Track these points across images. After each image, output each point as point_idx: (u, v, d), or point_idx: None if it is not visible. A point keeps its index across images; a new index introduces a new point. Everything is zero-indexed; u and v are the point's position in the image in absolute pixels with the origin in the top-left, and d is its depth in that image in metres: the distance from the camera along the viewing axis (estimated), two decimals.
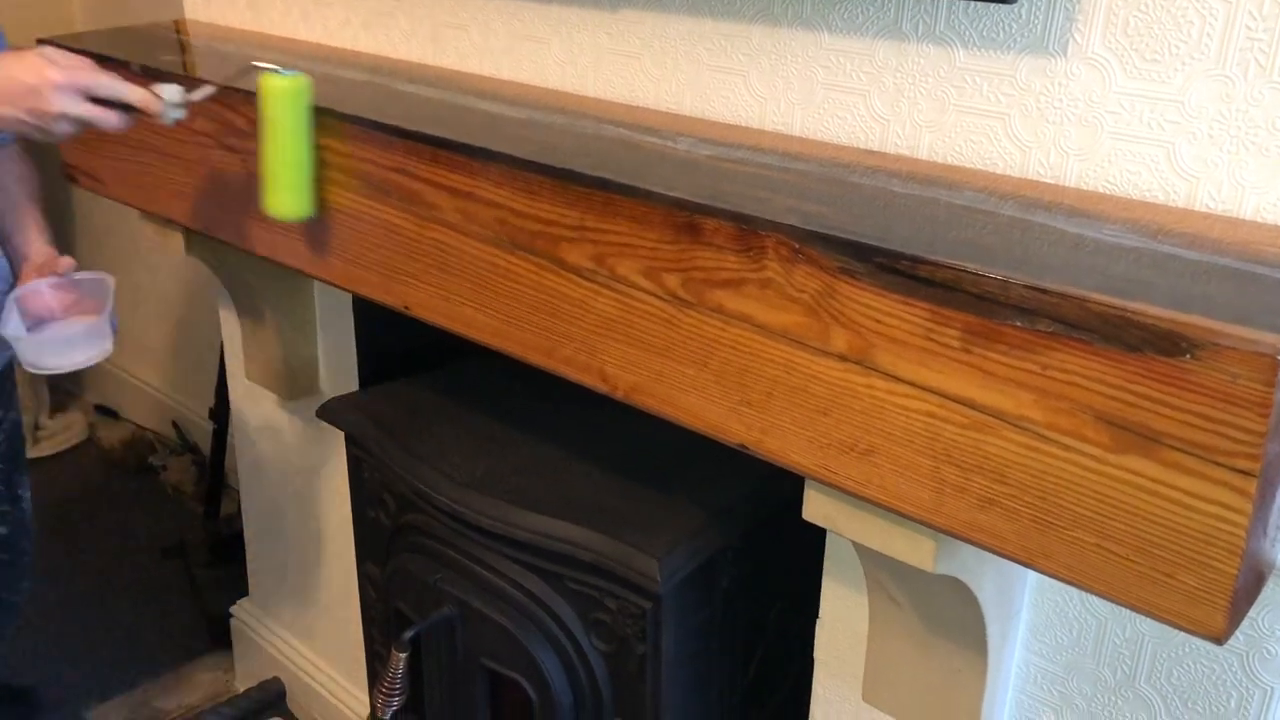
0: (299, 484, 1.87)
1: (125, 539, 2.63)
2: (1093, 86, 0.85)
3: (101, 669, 2.22)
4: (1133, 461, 0.69)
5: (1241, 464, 0.65)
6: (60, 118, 1.10)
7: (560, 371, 1.01)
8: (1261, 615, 0.86)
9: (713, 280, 0.86)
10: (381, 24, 1.40)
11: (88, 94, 1.10)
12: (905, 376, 0.77)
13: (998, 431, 0.74)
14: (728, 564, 1.20)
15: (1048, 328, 0.69)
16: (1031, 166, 0.90)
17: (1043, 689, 1.02)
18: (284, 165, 1.13)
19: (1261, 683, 0.88)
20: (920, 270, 0.74)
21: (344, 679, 1.94)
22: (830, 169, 0.94)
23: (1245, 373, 0.63)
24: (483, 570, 1.28)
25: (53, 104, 1.09)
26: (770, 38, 1.03)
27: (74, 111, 1.10)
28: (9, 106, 1.09)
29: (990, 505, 0.76)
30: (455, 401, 1.47)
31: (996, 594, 0.94)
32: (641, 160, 0.98)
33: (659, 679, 1.17)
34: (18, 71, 1.09)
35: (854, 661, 1.12)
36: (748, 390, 0.87)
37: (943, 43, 0.92)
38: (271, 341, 1.67)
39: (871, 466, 0.81)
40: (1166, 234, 0.78)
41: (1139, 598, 0.71)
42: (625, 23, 1.14)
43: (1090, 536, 0.72)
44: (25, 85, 1.08)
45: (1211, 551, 0.67)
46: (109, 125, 1.12)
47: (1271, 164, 0.78)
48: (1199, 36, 0.79)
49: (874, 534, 0.87)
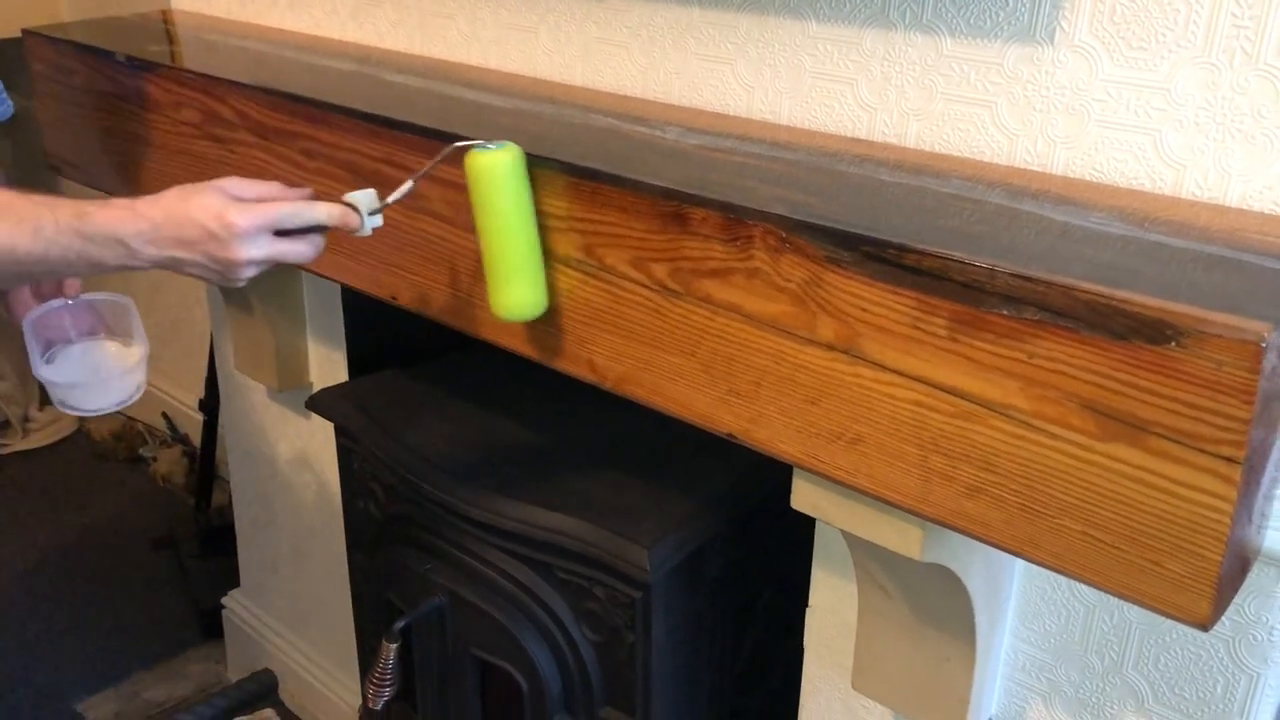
0: (289, 475, 1.87)
1: (116, 531, 2.62)
2: (1079, 74, 0.85)
3: (92, 661, 2.22)
4: (1119, 449, 0.69)
5: (1227, 451, 0.65)
6: (248, 264, 0.97)
7: (549, 362, 1.01)
8: (1247, 602, 0.86)
9: (700, 270, 0.86)
10: (369, 13, 1.40)
11: (276, 229, 0.97)
12: (892, 365, 0.77)
13: (984, 420, 0.74)
14: (717, 553, 1.20)
15: (1034, 316, 0.70)
16: (1019, 154, 0.90)
17: (1031, 676, 1.02)
18: (508, 255, 0.96)
19: (1248, 668, 0.89)
20: (907, 259, 0.74)
21: (335, 669, 1.94)
22: (818, 158, 0.94)
23: (1230, 360, 0.63)
24: (472, 560, 1.28)
25: (239, 252, 0.95)
26: (758, 26, 1.03)
27: (263, 255, 0.96)
28: (188, 251, 0.96)
29: (977, 494, 0.76)
30: (444, 392, 1.47)
31: (985, 582, 0.95)
32: (629, 149, 0.97)
33: (649, 668, 1.17)
34: (197, 214, 0.95)
35: (843, 650, 1.13)
36: (735, 380, 0.87)
37: (930, 31, 0.92)
38: (261, 333, 1.66)
39: (859, 455, 0.81)
40: (1153, 222, 0.78)
41: (1125, 585, 0.72)
42: (613, 12, 1.13)
43: (1077, 524, 0.72)
44: (205, 231, 0.95)
45: (1197, 539, 0.67)
46: (304, 259, 0.99)
47: (1257, 151, 0.78)
48: (1185, 24, 0.79)
49: (862, 523, 0.88)
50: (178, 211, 0.95)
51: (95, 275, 1.03)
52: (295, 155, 1.18)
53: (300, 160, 1.17)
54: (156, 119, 1.35)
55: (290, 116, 1.16)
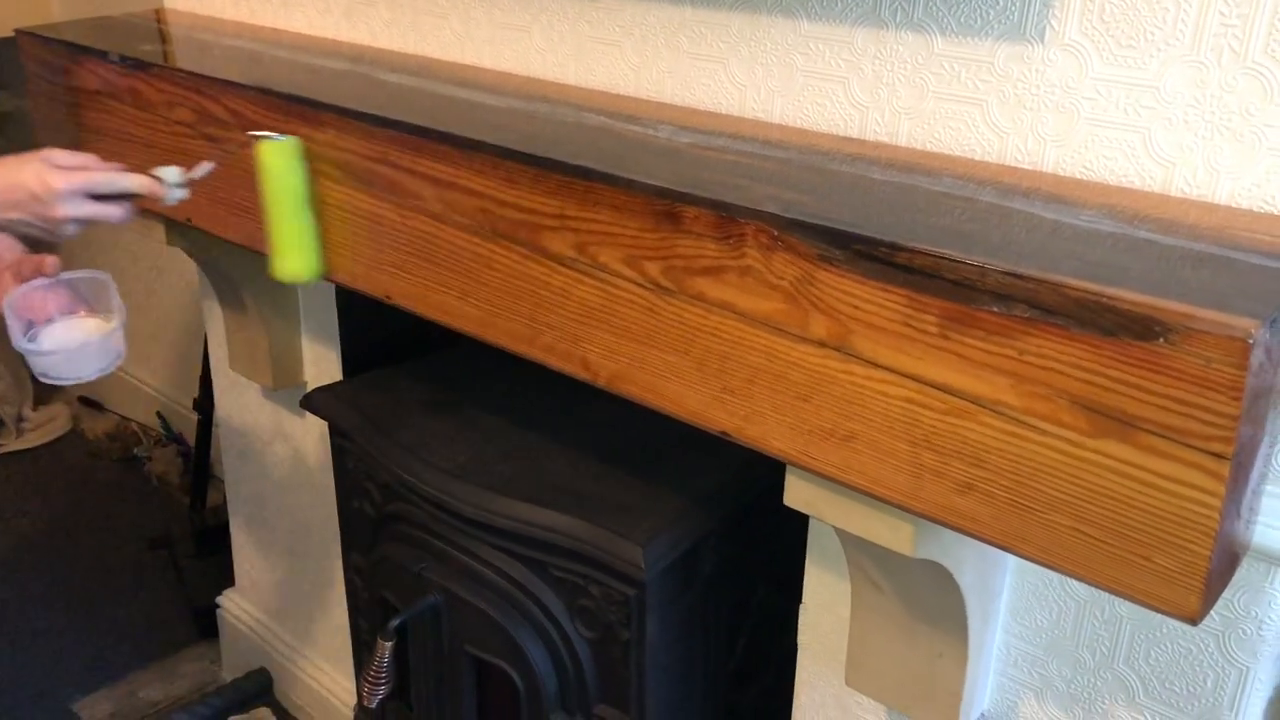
0: (283, 474, 1.87)
1: (110, 530, 2.62)
2: (1069, 73, 0.85)
3: (88, 660, 2.22)
4: (1109, 445, 0.69)
5: (1215, 447, 0.65)
6: (66, 221, 1.14)
7: (542, 360, 1.02)
8: (1237, 596, 0.87)
9: (693, 268, 0.86)
10: (362, 13, 1.40)
11: (91, 193, 1.14)
12: (884, 362, 0.78)
13: (975, 416, 0.74)
14: (711, 550, 1.20)
15: (1024, 313, 0.70)
16: (1009, 153, 0.90)
17: (1023, 671, 1.03)
18: (286, 227, 1.16)
19: (1237, 662, 0.89)
20: (898, 257, 0.75)
21: (330, 668, 1.94)
22: (809, 156, 0.94)
23: (1218, 356, 0.63)
24: (467, 558, 1.28)
25: (58, 210, 1.13)
26: (750, 25, 1.03)
27: (79, 214, 1.14)
28: (16, 212, 1.14)
29: (968, 490, 0.76)
30: (438, 390, 1.47)
31: (977, 578, 0.95)
32: (622, 148, 0.98)
33: (643, 665, 1.18)
34: (23, 178, 1.13)
35: (837, 646, 1.13)
36: (729, 377, 0.87)
37: (921, 29, 0.92)
38: (255, 332, 1.67)
39: (851, 452, 0.82)
40: (1143, 219, 0.79)
41: (1115, 580, 0.72)
42: (605, 11, 1.14)
43: (1067, 520, 0.72)
44: (30, 192, 1.13)
45: (1186, 534, 0.68)
46: (115, 219, 1.17)
47: (1246, 149, 0.79)
48: (1174, 23, 0.80)
49: (854, 519, 0.88)
50: (6, 178, 1.13)
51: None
52: None
53: None
54: (150, 118, 1.35)
55: (284, 116, 1.16)
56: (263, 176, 1.15)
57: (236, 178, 1.22)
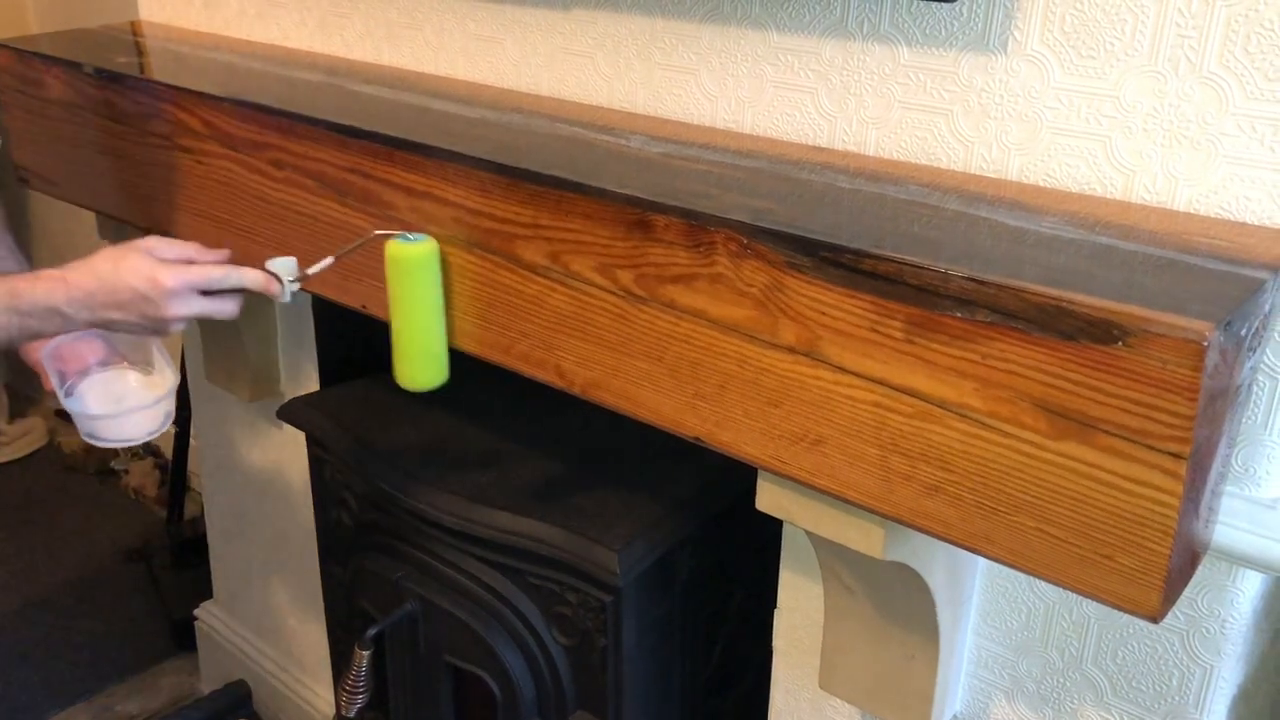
0: (261, 485, 1.87)
1: (87, 543, 2.61)
2: (1032, 83, 0.87)
3: (64, 674, 2.21)
4: (1070, 447, 0.71)
5: (1173, 447, 0.67)
6: (177, 320, 1.07)
7: (517, 368, 1.02)
8: (1201, 596, 0.89)
9: (665, 276, 0.88)
10: (336, 25, 1.41)
11: (202, 290, 1.07)
12: (851, 368, 0.79)
13: (941, 420, 0.76)
14: (687, 556, 1.21)
15: (986, 318, 0.71)
16: (974, 161, 0.92)
17: (994, 672, 1.04)
18: (416, 335, 1.05)
19: (1202, 661, 0.91)
20: (864, 264, 0.76)
21: (309, 679, 1.94)
22: (779, 165, 0.96)
23: (1174, 358, 0.65)
24: (444, 567, 1.29)
25: (169, 310, 1.05)
26: (720, 37, 1.04)
27: (191, 312, 1.07)
28: (121, 313, 1.05)
29: (936, 492, 0.78)
30: (415, 400, 1.47)
31: (947, 580, 0.96)
32: (595, 158, 0.99)
33: (620, 671, 1.18)
34: (127, 278, 1.04)
35: (812, 650, 1.14)
36: (700, 384, 0.88)
37: (887, 41, 0.94)
38: (232, 343, 1.67)
39: (821, 456, 0.83)
40: (1104, 226, 0.80)
41: (1079, 579, 0.74)
42: (578, 22, 1.15)
43: (1031, 521, 0.74)
44: (137, 292, 1.04)
45: (1145, 533, 0.69)
46: (227, 315, 1.10)
47: (1202, 157, 0.81)
48: (1132, 34, 0.81)
49: (825, 523, 0.89)
50: (109, 278, 1.04)
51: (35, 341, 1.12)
52: (264, 165, 1.18)
53: (268, 170, 1.18)
54: (125, 130, 1.35)
55: (259, 127, 1.17)
56: (394, 282, 1.03)
57: (208, 188, 1.22)
